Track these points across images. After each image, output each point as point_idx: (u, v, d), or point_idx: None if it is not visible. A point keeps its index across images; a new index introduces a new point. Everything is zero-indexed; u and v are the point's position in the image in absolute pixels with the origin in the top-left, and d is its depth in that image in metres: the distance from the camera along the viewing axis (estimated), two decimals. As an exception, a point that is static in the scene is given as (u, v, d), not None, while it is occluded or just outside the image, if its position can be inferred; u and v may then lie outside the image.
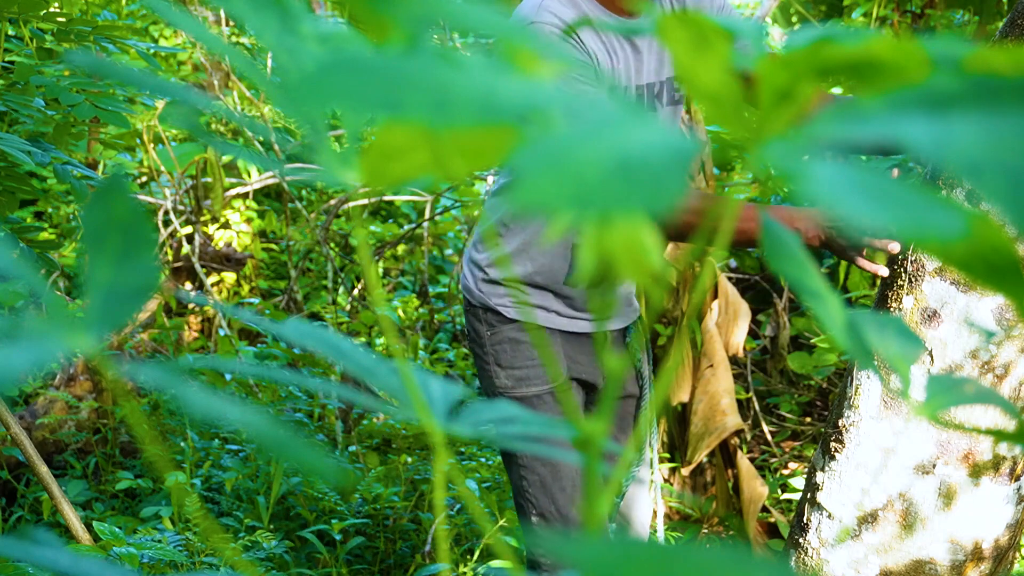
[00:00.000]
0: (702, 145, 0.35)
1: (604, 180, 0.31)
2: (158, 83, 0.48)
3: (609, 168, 0.31)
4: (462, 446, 3.21)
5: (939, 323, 1.83)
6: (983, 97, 0.33)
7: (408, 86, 0.34)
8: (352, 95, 0.33)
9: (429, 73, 0.35)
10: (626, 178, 0.31)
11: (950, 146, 0.32)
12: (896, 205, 0.31)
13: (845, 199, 0.31)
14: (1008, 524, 1.89)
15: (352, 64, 0.35)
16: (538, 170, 0.31)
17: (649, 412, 2.33)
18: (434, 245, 5.04)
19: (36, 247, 1.93)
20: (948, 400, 0.62)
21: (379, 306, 2.49)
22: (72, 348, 0.39)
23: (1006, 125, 0.32)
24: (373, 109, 0.33)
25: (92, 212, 0.42)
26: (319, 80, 0.34)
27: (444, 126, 0.32)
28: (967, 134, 0.32)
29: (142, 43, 2.06)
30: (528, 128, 0.33)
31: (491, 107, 0.34)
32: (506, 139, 0.37)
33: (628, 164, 0.31)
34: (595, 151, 0.32)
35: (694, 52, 0.36)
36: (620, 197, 0.30)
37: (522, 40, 0.41)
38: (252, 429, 0.37)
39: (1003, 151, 0.32)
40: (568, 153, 0.32)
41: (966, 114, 0.33)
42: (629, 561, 0.31)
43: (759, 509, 3.06)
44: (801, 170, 0.32)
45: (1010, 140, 0.32)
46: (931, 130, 0.33)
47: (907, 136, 0.33)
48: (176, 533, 2.49)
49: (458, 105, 0.33)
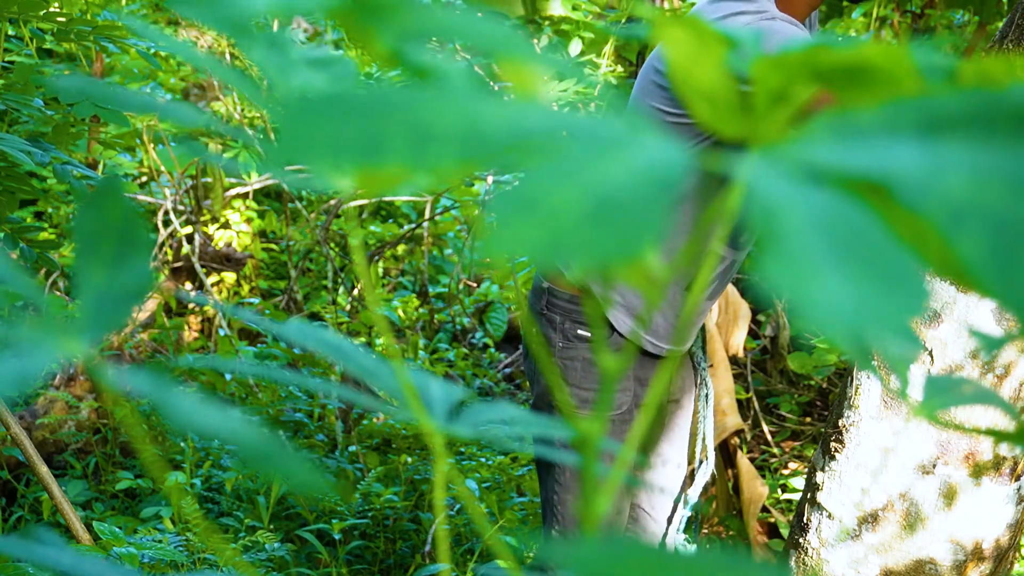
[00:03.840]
0: (690, 159, 0.34)
1: (578, 225, 0.30)
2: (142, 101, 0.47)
3: (583, 211, 0.30)
4: (462, 446, 3.21)
5: (939, 323, 1.83)
6: (978, 120, 0.32)
7: (387, 125, 0.33)
8: (328, 143, 0.32)
9: (409, 107, 0.34)
10: (602, 221, 0.30)
11: (938, 184, 0.30)
12: (866, 274, 0.29)
13: (811, 264, 0.29)
14: (1009, 524, 1.89)
15: (326, 106, 0.33)
16: (510, 215, 0.30)
17: (699, 422, 2.33)
18: (434, 245, 5.04)
19: (36, 247, 1.93)
20: (947, 400, 0.62)
21: (376, 306, 2.49)
22: (65, 353, 0.39)
23: (998, 159, 0.31)
24: (352, 156, 0.32)
25: (86, 215, 0.41)
26: (293, 128, 0.32)
27: (427, 168, 0.31)
28: (957, 167, 0.31)
29: (142, 43, 2.06)
30: (509, 159, 0.32)
31: (475, 139, 0.32)
32: (490, 162, 0.36)
33: (604, 204, 0.30)
34: (569, 192, 0.31)
35: (690, 53, 0.36)
36: (596, 243, 0.29)
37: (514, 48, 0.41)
38: (238, 441, 0.37)
39: (989, 196, 0.30)
40: (541, 196, 0.31)
41: (959, 140, 0.32)
42: (624, 563, 0.31)
43: (759, 509, 3.06)
44: (771, 196, 0.30)
45: (998, 182, 0.30)
46: (922, 161, 0.32)
47: (895, 167, 0.31)
48: (176, 533, 2.49)
49: (440, 141, 0.32)
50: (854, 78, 0.35)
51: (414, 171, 0.32)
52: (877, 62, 0.34)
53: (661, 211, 0.30)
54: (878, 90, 0.35)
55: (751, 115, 0.36)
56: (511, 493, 3.02)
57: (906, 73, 0.34)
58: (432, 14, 0.40)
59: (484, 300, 4.61)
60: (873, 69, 0.35)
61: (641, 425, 0.44)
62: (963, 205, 0.30)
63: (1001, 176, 0.31)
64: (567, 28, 3.57)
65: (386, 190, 0.39)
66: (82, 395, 3.28)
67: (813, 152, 0.33)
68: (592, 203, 0.31)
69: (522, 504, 2.94)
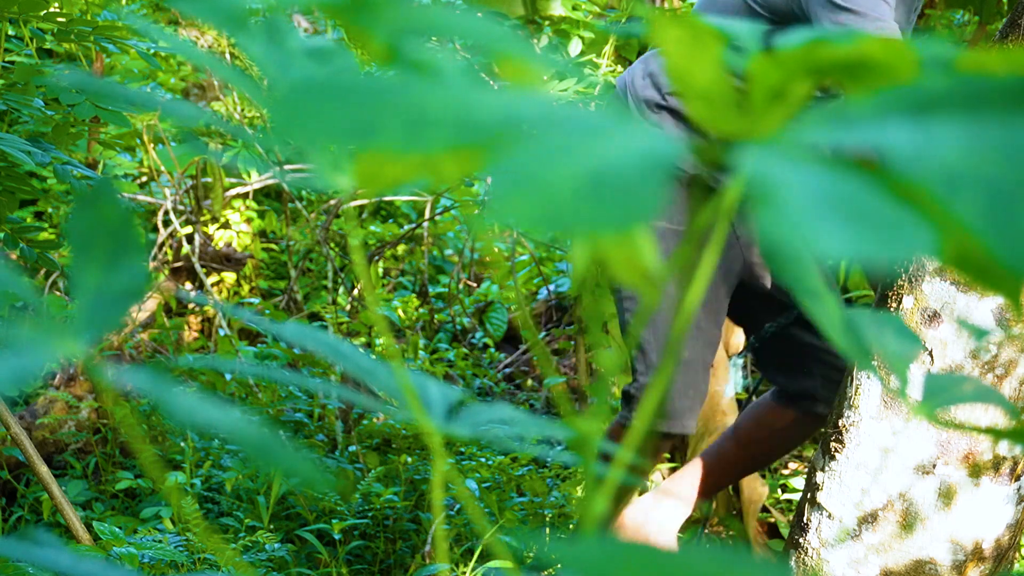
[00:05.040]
0: (681, 147, 0.34)
1: (576, 198, 0.30)
2: (145, 97, 0.47)
3: (580, 185, 0.30)
4: (462, 446, 3.21)
5: (939, 323, 1.83)
6: (970, 100, 0.33)
7: (381, 109, 0.33)
8: (324, 124, 0.33)
9: (403, 92, 0.34)
10: (598, 195, 0.30)
11: (930, 155, 0.31)
12: (865, 225, 0.30)
13: (810, 223, 0.30)
14: (1008, 524, 1.89)
15: (322, 89, 0.34)
16: (509, 188, 0.30)
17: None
18: (434, 245, 5.04)
19: (36, 247, 1.93)
20: (946, 399, 0.62)
21: (376, 307, 2.49)
22: (63, 353, 0.39)
23: (987, 133, 0.32)
24: (346, 138, 0.32)
25: (80, 216, 0.41)
26: (290, 110, 0.33)
27: (418, 151, 0.32)
28: (948, 141, 0.32)
29: (142, 43, 2.06)
30: (503, 145, 0.33)
31: (467, 126, 0.33)
32: (484, 151, 0.36)
33: (600, 179, 0.31)
34: (566, 167, 0.31)
35: (687, 51, 0.36)
36: (592, 215, 0.30)
37: (510, 45, 0.41)
38: (241, 437, 0.37)
39: (982, 162, 0.31)
40: (539, 170, 0.31)
41: (949, 119, 0.33)
42: (625, 562, 0.31)
43: (759, 509, 3.06)
44: (769, 177, 0.31)
45: (989, 150, 0.31)
46: (912, 137, 0.32)
47: (889, 143, 0.32)
48: (176, 533, 2.49)
49: (433, 126, 0.32)
50: (854, 73, 0.35)
51: (407, 154, 0.32)
52: (878, 56, 0.34)
53: (656, 188, 0.30)
54: (877, 84, 0.35)
55: (749, 112, 0.36)
56: (511, 493, 3.02)
57: (908, 66, 0.34)
58: (428, 12, 0.41)
59: (484, 300, 4.61)
60: (874, 64, 0.35)
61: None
62: (957, 172, 0.31)
63: (993, 145, 0.32)
64: (567, 28, 3.57)
65: (386, 189, 0.39)
66: (82, 395, 3.28)
67: (807, 136, 0.34)
68: (589, 178, 0.31)
69: (522, 504, 2.94)
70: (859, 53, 0.34)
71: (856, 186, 0.31)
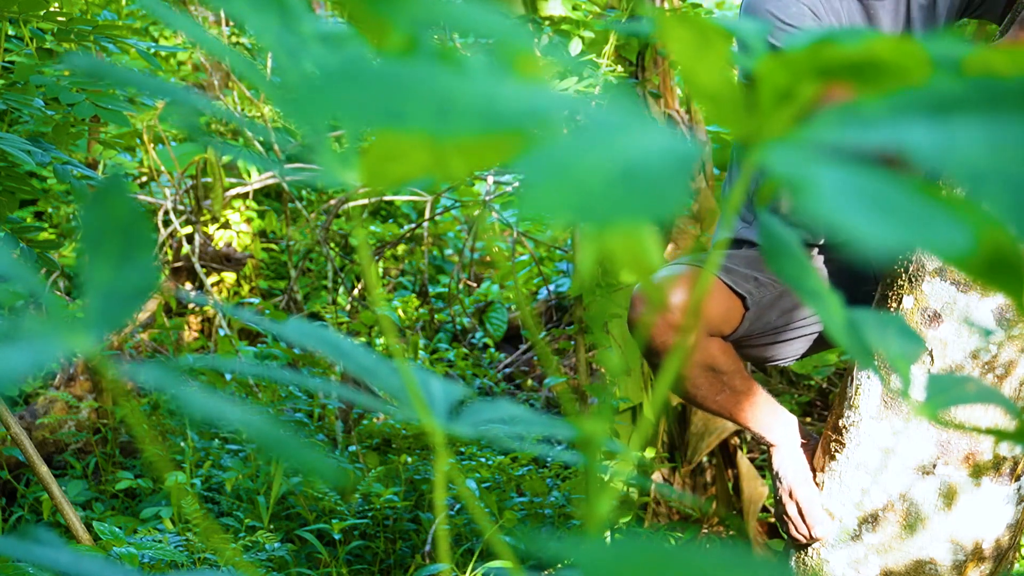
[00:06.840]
0: (703, 147, 0.35)
1: (607, 188, 0.31)
2: (157, 84, 0.48)
3: (612, 176, 0.31)
4: (462, 446, 3.21)
5: (939, 323, 1.83)
6: (985, 102, 0.34)
7: (410, 95, 0.34)
8: (354, 106, 0.33)
9: (431, 81, 0.35)
10: (629, 186, 0.31)
11: (953, 153, 0.32)
12: (900, 218, 0.31)
13: (849, 213, 0.31)
14: (1009, 524, 1.89)
15: (353, 73, 0.35)
16: (542, 178, 0.31)
17: None
18: (434, 245, 5.04)
19: (36, 247, 1.93)
20: (948, 399, 0.62)
21: (378, 306, 2.49)
22: (71, 349, 0.39)
23: (1008, 132, 0.32)
24: (375, 120, 0.33)
25: (91, 213, 0.42)
26: (321, 91, 0.34)
27: (447, 136, 0.32)
28: (970, 141, 0.33)
29: (142, 43, 2.06)
30: (531, 135, 0.33)
31: (493, 115, 0.34)
32: (507, 141, 0.37)
33: (631, 171, 0.31)
34: (598, 159, 0.32)
35: (694, 52, 0.36)
36: (623, 205, 0.30)
37: (522, 41, 0.41)
38: (252, 429, 0.37)
39: (1005, 160, 0.32)
40: (571, 161, 0.32)
41: (968, 120, 0.33)
42: (628, 562, 0.31)
43: (759, 509, 3.07)
44: (805, 176, 0.32)
45: (1012, 149, 0.32)
46: (933, 136, 0.33)
47: (909, 142, 0.33)
48: (176, 533, 2.49)
49: (460, 114, 0.33)
50: (863, 73, 0.35)
51: (434, 139, 0.33)
52: (887, 56, 0.34)
53: (684, 181, 0.31)
54: (888, 84, 0.36)
55: (756, 113, 0.36)
56: (511, 493, 3.02)
57: (918, 66, 0.35)
58: (448, 5, 0.42)
59: (484, 300, 4.61)
60: (883, 64, 0.35)
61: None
62: (982, 170, 0.32)
63: (1014, 144, 0.33)
64: (567, 28, 3.57)
65: (391, 187, 0.39)
66: (82, 395, 3.28)
67: (821, 135, 0.35)
68: (619, 169, 0.32)
69: (522, 504, 2.94)
70: (868, 53, 0.34)
71: (883, 182, 0.32)
